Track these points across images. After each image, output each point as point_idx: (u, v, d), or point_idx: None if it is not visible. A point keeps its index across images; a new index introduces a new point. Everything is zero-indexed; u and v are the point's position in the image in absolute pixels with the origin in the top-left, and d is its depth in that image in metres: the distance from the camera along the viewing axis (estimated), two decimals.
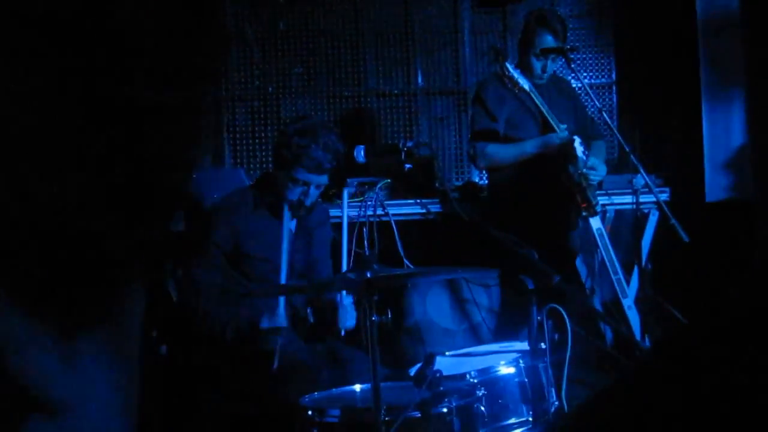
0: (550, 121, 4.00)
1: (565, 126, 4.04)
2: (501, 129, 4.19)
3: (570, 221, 4.30)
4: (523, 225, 4.10)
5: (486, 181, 4.88)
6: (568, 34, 5.91)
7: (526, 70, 4.12)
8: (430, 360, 2.43)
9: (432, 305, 5.09)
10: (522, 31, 4.23)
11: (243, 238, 3.24)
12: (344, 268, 3.60)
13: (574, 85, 5.43)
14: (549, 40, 4.07)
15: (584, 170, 4.15)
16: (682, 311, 5.04)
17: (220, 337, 3.14)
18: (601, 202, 4.84)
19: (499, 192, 4.26)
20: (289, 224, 3.28)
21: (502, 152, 4.15)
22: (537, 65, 4.12)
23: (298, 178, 3.20)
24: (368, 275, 2.42)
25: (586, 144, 4.25)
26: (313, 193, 3.25)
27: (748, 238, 4.87)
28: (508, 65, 3.88)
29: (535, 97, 3.93)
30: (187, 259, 3.42)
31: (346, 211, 3.67)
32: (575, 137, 4.15)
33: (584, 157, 4.17)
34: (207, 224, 3.29)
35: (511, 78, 3.88)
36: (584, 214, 4.27)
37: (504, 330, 4.23)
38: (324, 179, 3.26)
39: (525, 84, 3.89)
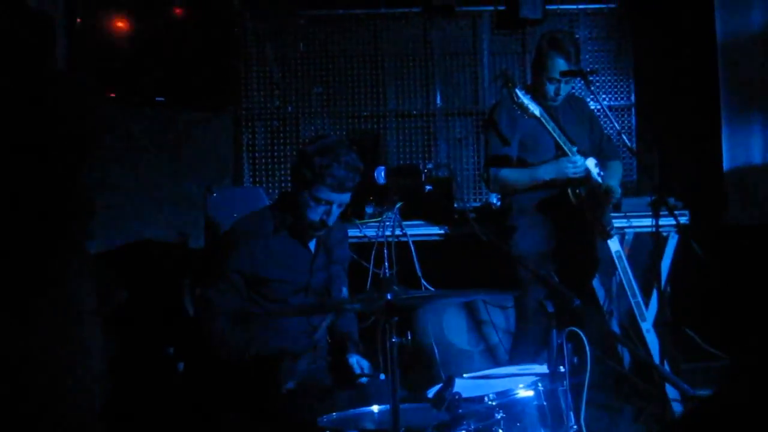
0: (562, 145, 3.96)
1: (576, 148, 4.00)
2: (514, 152, 4.16)
3: (585, 241, 4.25)
4: (537, 245, 4.09)
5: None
6: (587, 56, 5.97)
7: (540, 93, 4.11)
8: (449, 382, 2.42)
9: (448, 326, 5.08)
10: (535, 54, 4.21)
11: (262, 262, 3.20)
12: None
13: (592, 107, 5.43)
14: (561, 64, 4.05)
15: (599, 190, 4.12)
16: (701, 335, 5.00)
17: (238, 359, 3.12)
18: (619, 225, 4.82)
19: (511, 213, 4.22)
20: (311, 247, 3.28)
21: (514, 177, 4.12)
22: (550, 88, 4.09)
23: (321, 197, 3.16)
24: (389, 296, 2.42)
25: (601, 165, 4.22)
26: (336, 212, 3.22)
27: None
28: (517, 91, 3.82)
29: (546, 123, 3.88)
30: (203, 280, 3.41)
31: None
32: (590, 158, 4.12)
33: (599, 179, 4.14)
34: (225, 248, 3.25)
35: (521, 105, 3.82)
36: (596, 235, 4.23)
37: (518, 353, 4.19)
38: (346, 198, 3.22)
39: (535, 110, 3.84)
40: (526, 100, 3.81)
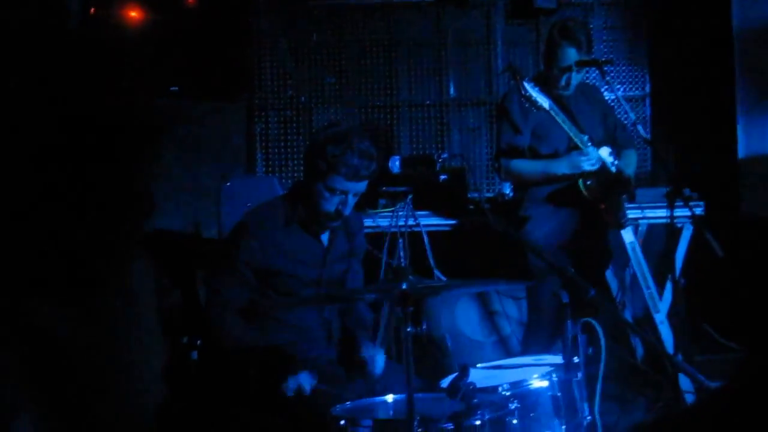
0: (573, 137, 3.91)
1: (587, 137, 3.95)
2: (527, 141, 4.12)
3: (597, 231, 4.21)
4: (550, 235, 4.07)
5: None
6: (602, 46, 5.93)
7: (551, 82, 4.07)
8: (464, 372, 2.42)
9: (461, 316, 5.08)
10: (546, 44, 4.17)
11: (273, 255, 3.15)
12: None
13: (607, 97, 5.40)
14: (572, 54, 3.99)
15: (613, 181, 4.08)
16: (715, 327, 4.98)
17: (250, 350, 3.10)
18: (634, 215, 4.80)
19: (524, 204, 4.20)
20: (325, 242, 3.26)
21: (527, 170, 4.09)
22: (561, 78, 4.05)
23: (335, 187, 3.07)
24: (404, 286, 2.42)
25: (616, 153, 4.18)
26: (351, 201, 3.14)
27: None
28: (525, 84, 3.76)
29: (555, 115, 3.82)
30: (213, 271, 3.40)
31: None
32: (604, 147, 4.08)
33: (613, 168, 4.11)
34: (235, 240, 3.21)
35: (529, 98, 3.76)
36: (609, 226, 4.20)
37: (531, 344, 4.18)
38: (362, 186, 3.14)
39: (544, 102, 3.77)
40: (534, 93, 3.75)
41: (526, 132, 4.10)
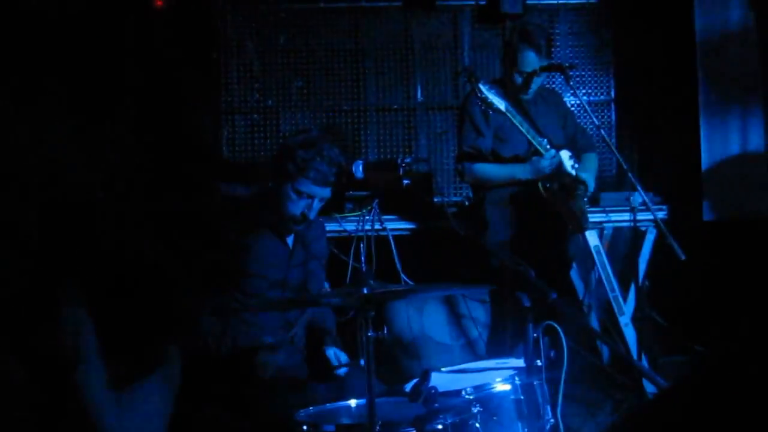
0: (531, 140, 3.92)
1: (546, 141, 3.97)
2: (489, 144, 4.13)
3: (558, 234, 4.23)
4: (511, 238, 4.08)
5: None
6: (567, 51, 5.98)
7: (511, 85, 4.08)
8: (425, 376, 2.43)
9: (429, 320, 5.09)
10: (505, 46, 4.19)
11: (237, 257, 3.20)
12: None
13: (572, 102, 5.44)
14: (531, 57, 4.01)
15: (572, 184, 4.10)
16: (678, 329, 5.04)
17: (214, 351, 3.12)
18: (598, 219, 4.84)
19: (483, 207, 4.20)
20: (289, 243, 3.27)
21: (489, 172, 4.10)
22: (520, 81, 4.07)
23: (303, 190, 3.17)
24: (365, 291, 2.42)
25: (576, 157, 4.21)
26: (317, 206, 3.23)
27: (745, 256, 4.88)
28: (481, 86, 3.78)
29: (512, 117, 3.84)
30: None
31: None
32: (564, 150, 4.10)
33: (573, 172, 4.13)
34: None
35: (485, 100, 3.77)
36: (569, 229, 4.22)
37: (495, 346, 4.20)
38: (327, 192, 3.23)
39: (500, 105, 3.78)
40: (491, 95, 3.76)
41: (488, 135, 4.10)
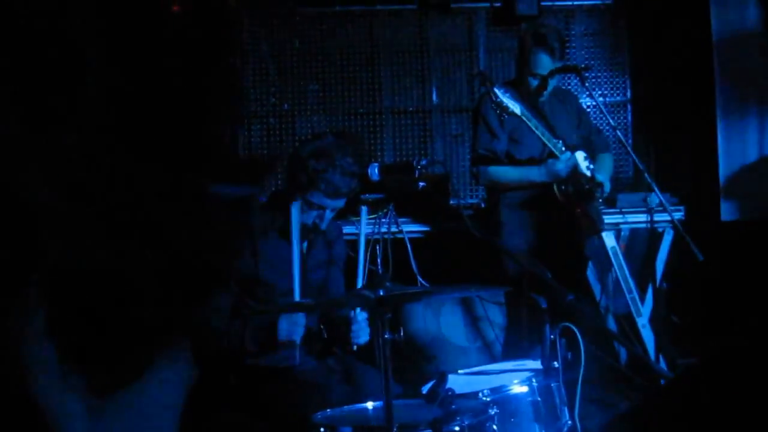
0: (546, 143, 3.89)
1: (561, 142, 3.94)
2: (504, 146, 4.10)
3: (573, 236, 4.20)
4: (526, 240, 4.07)
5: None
6: (583, 52, 5.97)
7: (525, 88, 4.06)
8: (442, 378, 2.43)
9: (446, 323, 5.09)
10: (519, 49, 4.16)
11: (252, 263, 3.14)
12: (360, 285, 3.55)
13: (588, 103, 5.42)
14: (545, 60, 3.98)
15: (587, 186, 4.07)
16: (696, 331, 5.01)
17: (240, 348, 3.08)
18: (615, 220, 4.83)
19: (499, 209, 4.18)
20: (299, 247, 3.25)
21: (504, 175, 4.07)
22: (534, 82, 4.04)
23: (314, 202, 3.09)
24: (381, 293, 2.43)
25: (591, 158, 4.18)
26: (328, 216, 3.16)
27: (764, 257, 4.84)
28: (496, 91, 3.73)
29: (527, 120, 3.80)
30: None
31: (364, 229, 3.52)
32: (579, 151, 4.07)
33: (588, 173, 4.10)
34: None
35: (500, 104, 3.72)
36: (585, 231, 4.19)
37: (511, 348, 4.19)
38: (341, 203, 3.15)
39: (516, 108, 3.74)
40: (506, 99, 3.72)
41: (502, 137, 4.08)
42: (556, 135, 3.94)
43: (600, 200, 4.18)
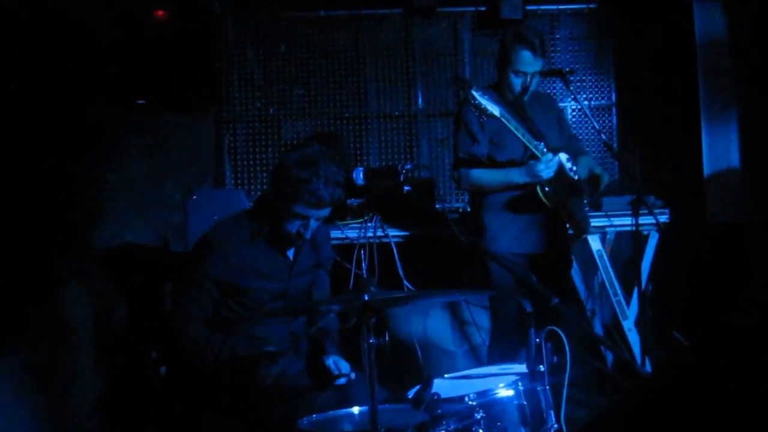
0: (527, 144, 3.88)
1: (543, 144, 3.92)
2: (485, 150, 4.08)
3: (558, 238, 4.19)
4: (510, 243, 4.06)
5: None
6: (568, 56, 5.98)
7: (506, 88, 4.06)
8: (428, 382, 2.43)
9: (432, 327, 5.09)
10: (499, 49, 4.14)
11: (237, 271, 3.14)
12: None
13: (573, 107, 5.44)
14: (527, 56, 3.98)
15: (576, 185, 4.06)
16: (682, 333, 5.03)
17: (213, 363, 3.08)
18: (600, 224, 4.84)
19: (481, 213, 4.16)
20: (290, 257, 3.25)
21: (485, 178, 4.05)
22: (516, 82, 4.02)
23: (298, 212, 3.08)
24: (366, 297, 2.42)
25: (573, 159, 4.17)
26: (313, 225, 3.15)
27: (748, 259, 4.87)
28: (473, 93, 3.69)
29: (507, 122, 3.78)
30: (177, 285, 3.37)
31: None
32: (562, 153, 4.05)
33: (572, 174, 4.08)
34: (199, 256, 3.18)
35: (478, 106, 3.69)
36: (571, 233, 4.19)
37: (495, 352, 4.18)
38: (325, 212, 3.15)
39: (495, 110, 3.72)
40: (484, 101, 3.69)
41: (483, 141, 4.07)
42: (538, 136, 3.92)
43: (584, 201, 4.18)
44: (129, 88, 5.41)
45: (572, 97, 4.89)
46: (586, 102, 5.84)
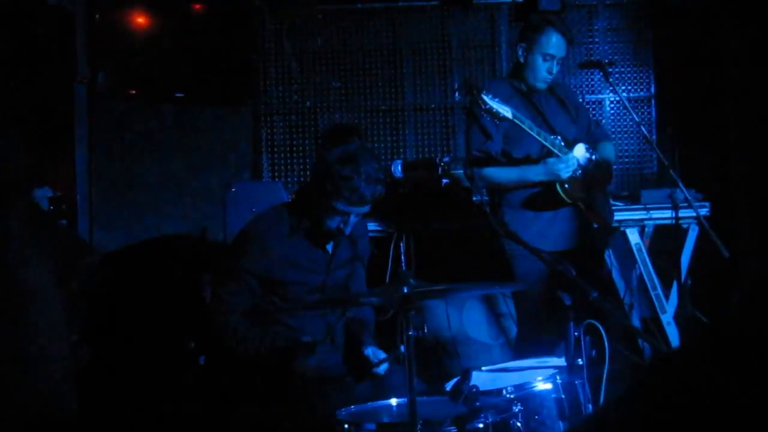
0: (542, 142, 3.80)
1: (559, 138, 3.83)
2: (499, 146, 3.95)
3: (583, 231, 4.10)
4: (531, 240, 3.97)
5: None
6: (606, 47, 5.93)
7: (528, 73, 3.96)
8: (466, 375, 2.43)
9: (468, 319, 5.09)
10: (525, 32, 4.02)
11: (277, 264, 3.16)
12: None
13: (612, 99, 5.38)
14: (557, 38, 3.90)
15: (594, 172, 3.98)
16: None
17: (253, 354, 3.11)
18: (639, 217, 4.79)
19: (501, 210, 4.07)
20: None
21: (500, 176, 3.93)
22: (542, 67, 3.91)
23: (338, 209, 3.07)
24: (405, 290, 2.43)
25: (593, 147, 4.07)
26: (353, 220, 3.15)
27: None
28: (483, 97, 3.56)
29: (520, 123, 3.67)
30: (216, 277, 3.41)
31: None
32: (579, 144, 3.96)
33: (589, 165, 3.99)
34: (239, 248, 3.22)
35: (490, 110, 3.58)
36: (595, 225, 4.10)
37: (524, 345, 4.13)
38: (365, 209, 3.14)
39: (507, 112, 3.60)
40: (495, 105, 3.57)
41: (497, 137, 3.94)
42: (554, 131, 3.84)
43: (605, 191, 4.08)
44: (167, 82, 5.47)
45: (611, 88, 4.84)
46: (625, 94, 5.77)
